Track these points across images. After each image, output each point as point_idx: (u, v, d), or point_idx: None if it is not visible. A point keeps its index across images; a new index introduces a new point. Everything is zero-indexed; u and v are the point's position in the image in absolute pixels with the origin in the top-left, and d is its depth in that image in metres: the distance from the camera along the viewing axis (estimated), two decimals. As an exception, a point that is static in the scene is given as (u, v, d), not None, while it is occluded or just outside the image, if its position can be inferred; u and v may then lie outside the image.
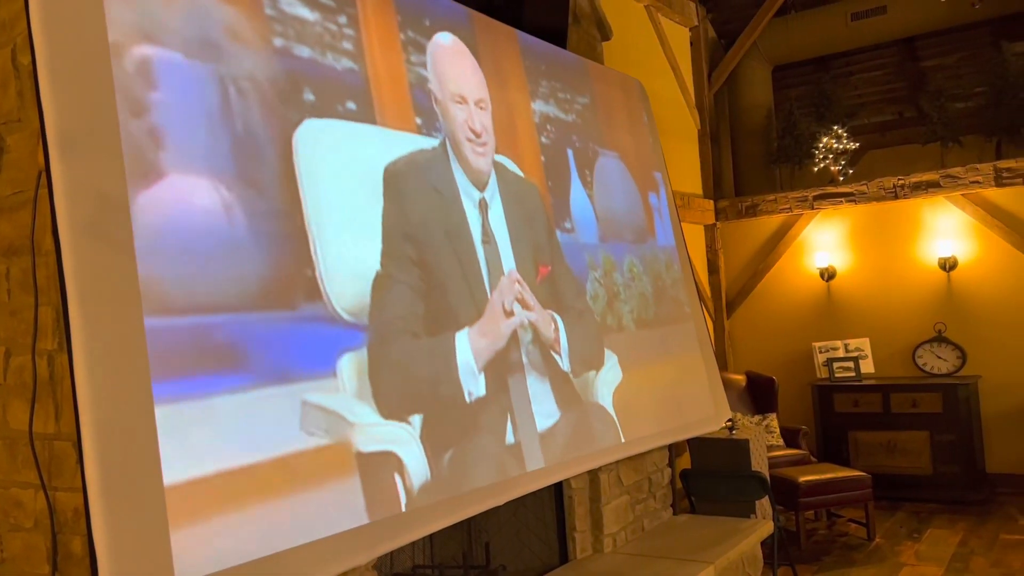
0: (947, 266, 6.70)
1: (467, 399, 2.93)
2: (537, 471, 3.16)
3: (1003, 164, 6.44)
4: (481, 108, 3.28)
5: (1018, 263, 6.45)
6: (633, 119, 4.68)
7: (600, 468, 4.07)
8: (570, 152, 4.01)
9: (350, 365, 2.50)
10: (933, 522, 5.84)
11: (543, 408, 3.31)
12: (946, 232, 6.75)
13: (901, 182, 6.80)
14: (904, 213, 6.95)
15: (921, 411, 6.37)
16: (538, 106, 3.83)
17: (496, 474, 2.94)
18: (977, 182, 6.50)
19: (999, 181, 6.42)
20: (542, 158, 3.78)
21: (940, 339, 6.67)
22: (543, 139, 3.83)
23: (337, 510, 2.33)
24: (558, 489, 4.06)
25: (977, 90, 7.49)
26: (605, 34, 4.84)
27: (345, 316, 2.53)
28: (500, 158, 3.44)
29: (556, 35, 4.30)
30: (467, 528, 3.54)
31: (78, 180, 1.95)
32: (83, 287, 1.90)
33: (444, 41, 3.23)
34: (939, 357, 6.66)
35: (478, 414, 2.96)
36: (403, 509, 2.55)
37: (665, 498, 4.69)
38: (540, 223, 3.66)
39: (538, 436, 3.19)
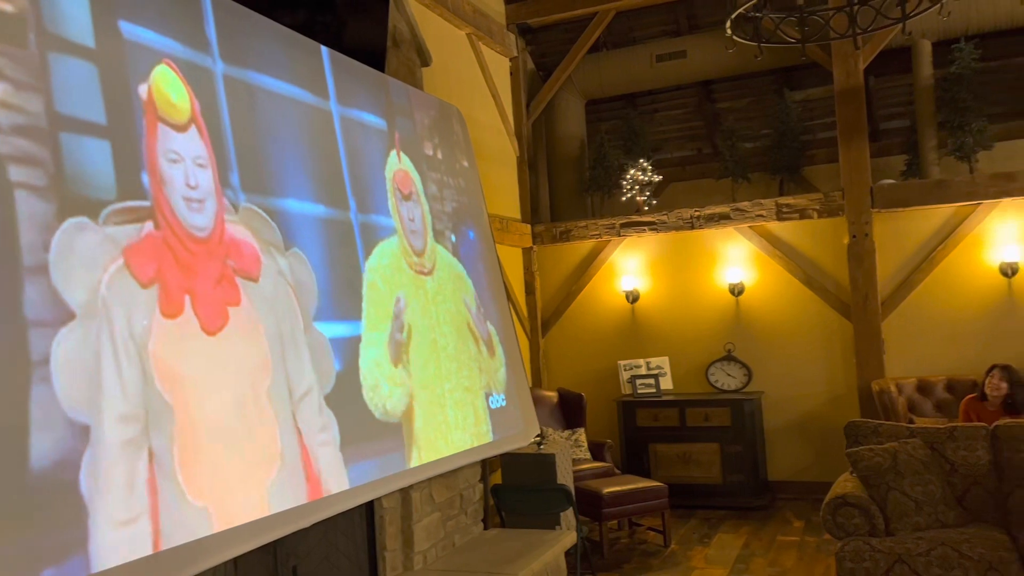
0: (736, 291, 7.35)
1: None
2: (344, 492, 3.17)
3: (783, 200, 7.17)
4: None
5: (794, 289, 7.19)
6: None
7: (412, 486, 4.12)
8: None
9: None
10: (721, 527, 6.35)
11: (352, 428, 3.32)
12: (735, 260, 7.41)
13: (697, 213, 7.40)
14: (700, 242, 7.56)
15: (713, 424, 6.93)
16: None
17: (302, 496, 2.92)
18: (762, 216, 7.20)
19: (780, 215, 7.14)
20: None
21: (729, 358, 7.29)
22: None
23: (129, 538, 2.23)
24: (369, 509, 4.07)
25: (763, 132, 8.32)
26: (425, 60, 4.95)
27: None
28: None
29: (375, 58, 4.36)
30: (273, 552, 3.48)
31: None
32: None
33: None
34: (728, 375, 7.28)
35: (282, 436, 2.93)
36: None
37: (476, 513, 4.81)
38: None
39: (342, 457, 3.20)
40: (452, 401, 4.14)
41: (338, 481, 3.13)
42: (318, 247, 3.29)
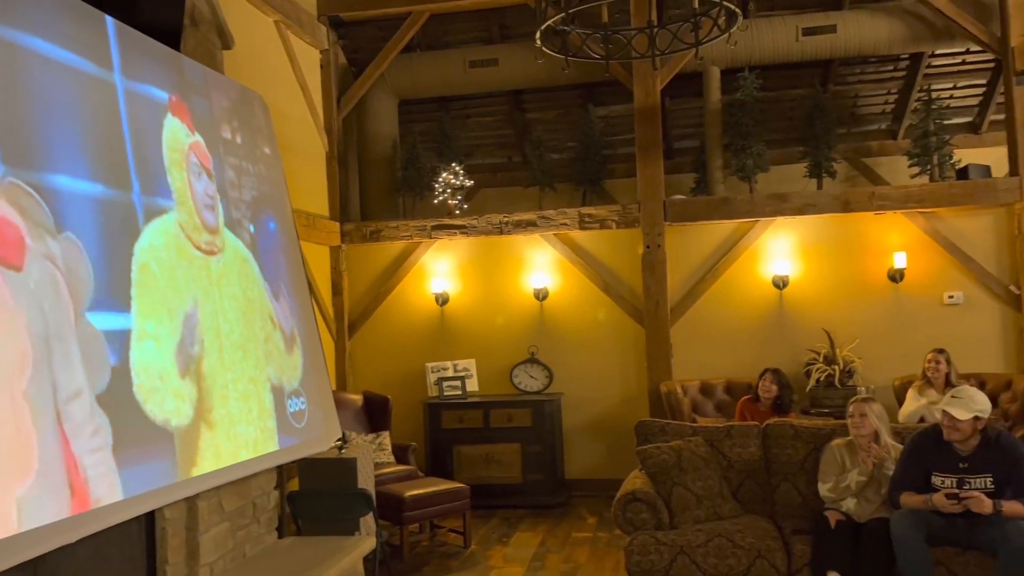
0: (540, 296, 7.58)
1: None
2: (116, 503, 2.89)
3: (586, 210, 7.48)
4: None
5: (593, 295, 7.53)
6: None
7: (199, 495, 3.85)
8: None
9: None
10: (520, 526, 6.49)
11: (128, 431, 3.04)
12: (541, 266, 7.64)
13: (506, 219, 7.55)
14: (508, 247, 7.72)
15: (515, 425, 7.08)
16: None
17: (64, 509, 2.63)
18: (565, 224, 7.47)
19: (582, 224, 7.44)
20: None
21: (532, 360, 7.49)
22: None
23: None
24: (150, 520, 3.75)
25: (569, 144, 8.63)
26: (226, 43, 4.66)
27: None
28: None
29: (170, 35, 4.06)
30: (33, 572, 3.12)
31: None
32: None
33: None
34: (531, 376, 7.48)
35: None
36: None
37: (270, 522, 4.58)
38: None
39: (116, 463, 2.92)
40: (236, 393, 3.88)
41: (110, 491, 2.85)
42: (94, 230, 2.97)
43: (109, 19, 3.40)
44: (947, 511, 3.87)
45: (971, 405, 3.92)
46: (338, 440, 5.00)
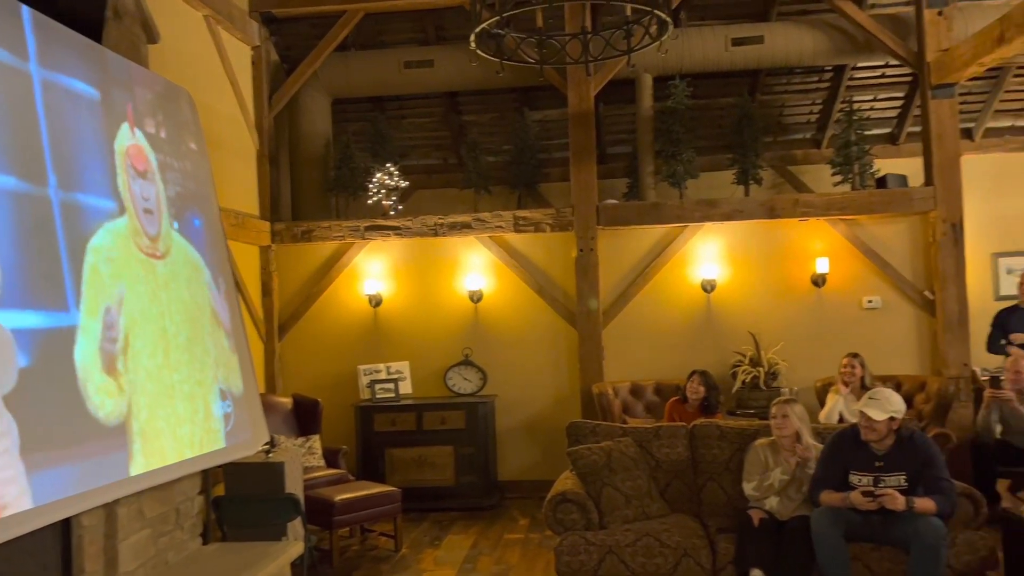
0: (475, 298, 7.57)
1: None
2: (28, 511, 2.78)
3: (521, 213, 7.52)
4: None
5: (527, 297, 7.56)
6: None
7: (119, 501, 3.74)
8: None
9: None
10: (452, 528, 6.47)
11: (46, 433, 2.93)
12: (476, 268, 7.64)
13: (441, 221, 7.53)
14: (443, 249, 7.70)
15: (448, 427, 7.06)
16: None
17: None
18: (500, 227, 7.49)
19: (517, 227, 7.47)
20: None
21: (467, 363, 7.49)
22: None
23: None
24: (65, 528, 3.62)
25: (505, 147, 8.65)
26: (151, 36, 4.53)
27: None
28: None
29: (91, 27, 3.93)
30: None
31: None
32: None
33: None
34: (465, 379, 7.47)
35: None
36: None
37: (194, 528, 4.47)
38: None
39: (25, 467, 2.80)
40: (182, 394, 3.90)
41: (19, 497, 2.74)
42: (4, 225, 2.84)
43: (25, 8, 3.27)
44: (863, 508, 4.02)
45: (887, 406, 4.08)
46: (265, 444, 4.91)
